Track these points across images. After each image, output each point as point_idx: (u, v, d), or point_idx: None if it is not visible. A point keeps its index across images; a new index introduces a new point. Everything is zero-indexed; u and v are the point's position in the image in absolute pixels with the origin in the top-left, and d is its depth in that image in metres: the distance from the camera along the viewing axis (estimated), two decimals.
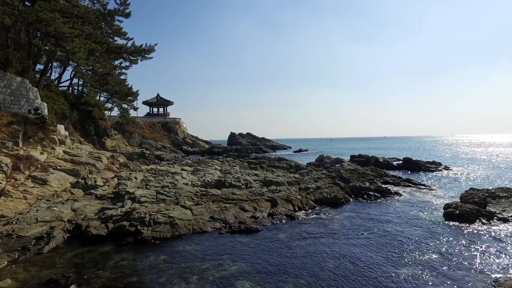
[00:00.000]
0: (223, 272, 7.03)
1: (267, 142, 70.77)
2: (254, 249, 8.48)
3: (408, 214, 12.09)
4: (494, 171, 26.22)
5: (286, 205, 12.67)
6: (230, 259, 7.80)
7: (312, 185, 16.00)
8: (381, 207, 13.40)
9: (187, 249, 8.39)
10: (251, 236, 9.55)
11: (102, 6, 24.07)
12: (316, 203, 13.55)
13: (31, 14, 15.64)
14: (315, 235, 9.67)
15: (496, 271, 7.12)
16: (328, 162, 27.09)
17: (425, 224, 10.77)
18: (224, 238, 9.36)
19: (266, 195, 13.84)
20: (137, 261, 7.65)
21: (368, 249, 8.42)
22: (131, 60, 28.90)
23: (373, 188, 16.02)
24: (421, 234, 9.69)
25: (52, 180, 13.72)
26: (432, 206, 13.49)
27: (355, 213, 12.52)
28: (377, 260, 7.71)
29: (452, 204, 12.00)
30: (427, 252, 8.19)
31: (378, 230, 10.15)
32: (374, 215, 12.08)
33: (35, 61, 21.48)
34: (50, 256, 7.84)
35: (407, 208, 13.17)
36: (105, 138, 33.66)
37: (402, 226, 10.59)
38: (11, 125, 15.47)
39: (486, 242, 8.95)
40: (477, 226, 10.45)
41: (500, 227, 10.27)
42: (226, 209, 11.64)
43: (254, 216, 11.36)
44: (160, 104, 61.31)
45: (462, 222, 10.72)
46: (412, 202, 14.33)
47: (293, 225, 10.74)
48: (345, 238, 9.40)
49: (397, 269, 7.20)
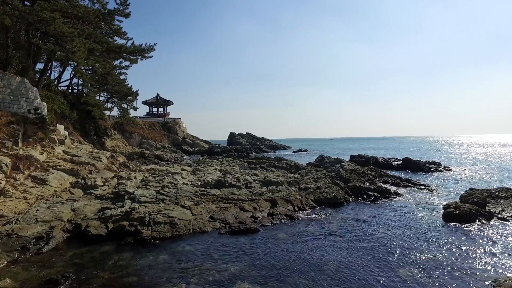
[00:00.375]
0: (223, 272, 7.03)
1: (267, 142, 70.81)
2: (253, 249, 8.48)
3: (408, 214, 12.10)
4: (493, 171, 26.24)
5: (286, 205, 12.67)
6: (230, 259, 7.80)
7: (312, 185, 16.00)
8: (381, 207, 13.40)
9: (187, 249, 8.39)
10: (251, 236, 9.55)
11: (102, 6, 24.04)
12: (316, 203, 13.56)
13: (31, 14, 15.63)
14: (314, 235, 9.67)
15: (495, 271, 7.12)
16: (327, 162, 27.10)
17: (425, 224, 10.78)
18: (223, 238, 9.36)
19: (266, 195, 13.84)
20: (136, 261, 7.64)
21: (368, 249, 8.42)
22: (130, 60, 28.87)
23: (372, 188, 16.03)
24: (421, 234, 9.69)
25: (52, 180, 13.71)
26: (432, 206, 13.50)
27: (355, 213, 12.52)
28: (376, 260, 7.71)
29: (452, 204, 12.01)
30: (427, 252, 8.20)
31: (377, 230, 10.15)
32: (374, 215, 12.08)
33: (34, 60, 21.46)
34: (49, 256, 7.83)
35: (406, 208, 13.18)
36: (104, 138, 33.65)
37: (401, 226, 10.59)
38: (11, 125, 15.46)
39: (485, 242, 8.95)
40: (476, 226, 10.46)
41: (500, 227, 10.27)
42: (225, 209, 11.64)
43: (254, 216, 11.36)
44: (159, 104, 61.32)
45: (461, 222, 10.73)
46: (411, 202, 14.33)
47: (293, 225, 10.74)
48: (345, 238, 9.40)
49: (396, 269, 7.21)
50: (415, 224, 10.84)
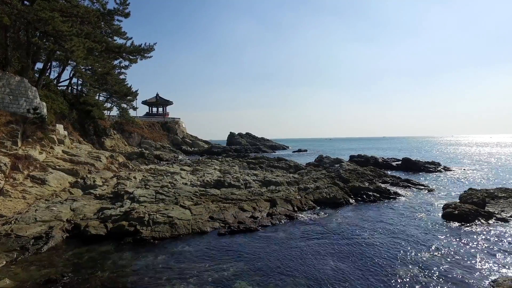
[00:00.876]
0: (222, 272, 7.03)
1: (266, 142, 70.80)
2: (253, 249, 8.48)
3: (407, 214, 12.11)
4: (492, 172, 26.27)
5: (285, 205, 12.67)
6: (229, 259, 7.80)
7: (311, 185, 16.00)
8: (380, 208, 13.41)
9: (186, 249, 8.38)
10: (250, 236, 9.55)
11: (101, 6, 24.02)
12: (315, 203, 13.56)
13: (30, 13, 15.60)
14: (314, 235, 9.67)
15: (494, 271, 7.13)
16: (327, 162, 27.11)
17: (424, 224, 10.79)
18: (223, 238, 9.35)
19: (265, 195, 13.84)
20: (136, 261, 7.64)
21: (367, 249, 8.42)
22: (130, 60, 28.85)
23: (372, 188, 16.03)
24: (421, 234, 9.70)
25: (51, 180, 13.69)
26: (431, 206, 13.51)
27: (355, 213, 12.53)
28: (376, 260, 7.71)
29: (451, 204, 12.02)
30: (426, 252, 8.20)
31: (377, 230, 10.16)
32: (373, 215, 12.09)
33: (34, 60, 21.43)
34: (49, 256, 7.82)
35: (405, 208, 13.19)
36: (104, 138, 33.60)
37: (401, 226, 10.60)
38: (10, 125, 15.43)
39: (484, 242, 8.96)
40: (476, 226, 10.46)
41: (499, 227, 10.28)
42: (225, 209, 11.64)
43: (253, 216, 11.35)
44: (159, 104, 61.28)
45: (461, 222, 10.74)
46: (411, 202, 14.34)
47: (293, 225, 10.74)
48: (345, 238, 9.41)
49: (396, 269, 7.21)
50: (415, 224, 10.85)
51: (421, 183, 18.91)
